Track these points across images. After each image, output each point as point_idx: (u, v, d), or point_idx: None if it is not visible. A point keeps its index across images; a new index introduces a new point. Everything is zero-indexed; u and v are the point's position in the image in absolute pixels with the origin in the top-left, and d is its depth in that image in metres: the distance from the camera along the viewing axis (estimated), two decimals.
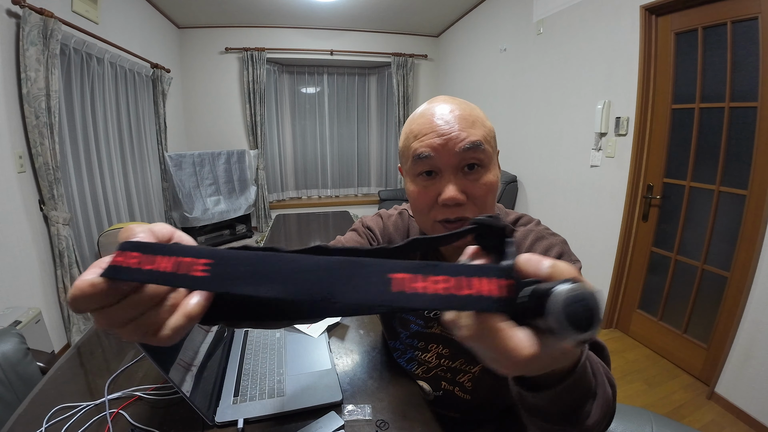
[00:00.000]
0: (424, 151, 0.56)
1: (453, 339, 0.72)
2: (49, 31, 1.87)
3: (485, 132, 0.58)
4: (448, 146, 0.55)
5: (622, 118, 2.07)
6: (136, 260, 0.20)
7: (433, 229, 0.60)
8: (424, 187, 0.58)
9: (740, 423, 1.53)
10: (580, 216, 2.46)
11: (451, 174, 0.56)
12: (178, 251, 0.20)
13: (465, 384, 0.73)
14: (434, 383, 0.77)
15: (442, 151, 0.55)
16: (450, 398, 0.76)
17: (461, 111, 0.57)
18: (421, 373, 0.78)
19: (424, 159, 0.56)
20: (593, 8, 2.23)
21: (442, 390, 0.76)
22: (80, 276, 0.20)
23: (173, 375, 0.62)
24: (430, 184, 0.57)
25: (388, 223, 0.77)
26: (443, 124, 0.55)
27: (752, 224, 1.55)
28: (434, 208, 0.58)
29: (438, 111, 0.57)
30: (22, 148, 1.86)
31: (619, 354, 2.05)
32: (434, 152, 0.55)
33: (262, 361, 0.84)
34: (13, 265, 1.77)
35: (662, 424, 0.72)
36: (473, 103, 0.63)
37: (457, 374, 0.74)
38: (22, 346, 0.91)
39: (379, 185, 5.21)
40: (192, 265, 0.20)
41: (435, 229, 0.60)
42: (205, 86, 4.20)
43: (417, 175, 0.58)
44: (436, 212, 0.58)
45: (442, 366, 0.75)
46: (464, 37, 3.94)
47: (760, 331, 1.49)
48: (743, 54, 1.57)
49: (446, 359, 0.74)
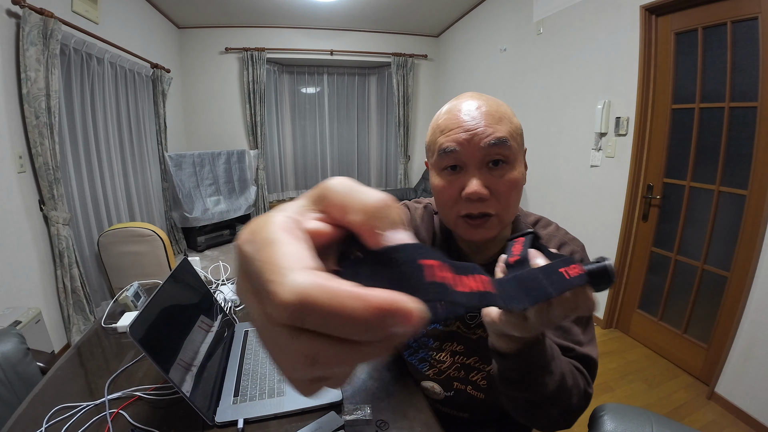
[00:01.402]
0: (450, 145, 0.56)
1: (469, 336, 0.72)
2: (49, 31, 1.87)
3: (512, 128, 0.58)
4: (474, 141, 0.55)
5: (622, 118, 2.07)
6: (450, 279, 0.16)
7: (456, 224, 0.61)
8: (449, 182, 0.59)
9: (740, 423, 1.53)
10: (580, 216, 2.46)
11: (476, 169, 0.56)
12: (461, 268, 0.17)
13: (479, 382, 0.72)
14: (446, 384, 0.76)
15: (467, 145, 0.56)
16: (462, 397, 0.75)
17: (488, 107, 0.57)
18: (433, 375, 0.76)
19: (449, 153, 0.57)
20: (593, 8, 2.23)
21: (454, 390, 0.75)
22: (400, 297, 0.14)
23: (173, 375, 0.62)
24: (454, 179, 0.58)
25: (415, 215, 0.77)
26: (469, 119, 0.56)
27: (752, 224, 1.55)
28: (458, 202, 0.58)
29: (465, 107, 0.58)
30: (22, 148, 1.86)
31: (619, 354, 2.05)
32: (459, 147, 0.56)
33: (262, 361, 0.83)
34: (13, 265, 1.77)
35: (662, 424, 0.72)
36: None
37: (470, 372, 0.74)
38: (22, 346, 0.91)
39: (379, 185, 5.20)
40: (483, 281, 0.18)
41: (458, 224, 0.60)
42: (205, 86, 4.20)
43: (442, 169, 0.59)
44: (459, 207, 0.59)
45: (456, 364, 0.74)
46: (464, 37, 3.94)
47: (760, 331, 1.49)
48: (743, 54, 1.57)
49: (461, 356, 0.73)
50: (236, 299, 1.13)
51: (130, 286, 1.10)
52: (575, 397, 0.53)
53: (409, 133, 4.70)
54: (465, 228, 0.59)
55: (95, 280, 2.42)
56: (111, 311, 1.08)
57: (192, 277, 0.91)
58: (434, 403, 0.79)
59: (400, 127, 4.62)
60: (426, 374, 0.78)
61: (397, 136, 4.70)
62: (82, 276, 2.12)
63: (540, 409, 0.51)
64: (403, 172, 4.78)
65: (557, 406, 0.51)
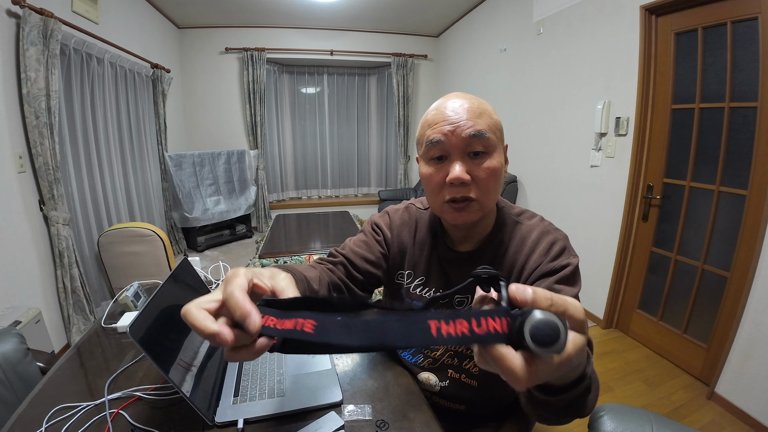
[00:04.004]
0: (436, 136, 0.64)
1: None
2: (49, 31, 1.87)
3: (491, 123, 0.65)
4: (456, 132, 0.62)
5: (622, 118, 2.07)
6: (273, 322, 0.31)
7: (442, 209, 0.68)
8: (435, 170, 0.66)
9: (740, 423, 1.53)
10: (580, 216, 2.46)
11: (458, 158, 0.63)
12: (296, 315, 0.31)
13: (472, 370, 0.76)
14: (441, 373, 0.79)
15: (451, 136, 0.63)
16: (457, 386, 0.78)
17: (470, 104, 0.65)
18: (428, 365, 0.81)
19: (435, 144, 0.64)
20: (593, 8, 2.23)
21: (449, 379, 0.79)
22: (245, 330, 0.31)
23: (173, 375, 0.62)
24: (441, 167, 0.65)
25: (394, 217, 0.84)
26: (453, 114, 0.64)
27: (752, 224, 1.55)
28: (444, 188, 0.65)
29: (450, 104, 0.65)
30: (22, 148, 1.86)
31: (619, 354, 2.05)
32: (444, 137, 0.63)
33: (262, 361, 0.83)
34: (13, 265, 1.77)
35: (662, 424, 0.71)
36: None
37: (463, 360, 0.77)
38: (22, 346, 0.91)
39: (379, 185, 5.20)
40: (304, 324, 0.30)
41: (444, 209, 0.67)
42: (205, 86, 4.20)
43: (430, 159, 0.67)
44: (444, 192, 0.65)
45: (449, 351, 0.78)
46: (464, 37, 3.94)
47: (760, 331, 1.49)
48: (743, 54, 1.57)
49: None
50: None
51: (130, 286, 1.10)
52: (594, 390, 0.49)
53: (409, 133, 4.70)
54: (450, 212, 0.66)
55: (95, 280, 2.42)
56: (111, 311, 1.08)
57: (192, 277, 0.91)
58: (431, 397, 0.82)
59: (400, 127, 4.62)
60: (421, 366, 0.82)
61: (397, 136, 4.70)
62: (82, 276, 2.12)
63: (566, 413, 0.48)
64: (403, 172, 4.78)
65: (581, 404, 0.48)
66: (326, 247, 2.80)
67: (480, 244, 0.73)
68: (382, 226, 0.83)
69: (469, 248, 0.74)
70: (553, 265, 0.64)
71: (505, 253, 0.70)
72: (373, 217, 0.87)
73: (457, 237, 0.75)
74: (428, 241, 0.79)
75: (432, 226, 0.80)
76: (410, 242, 0.80)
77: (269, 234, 3.18)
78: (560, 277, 0.63)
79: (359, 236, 0.84)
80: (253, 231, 4.54)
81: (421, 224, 0.81)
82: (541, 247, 0.67)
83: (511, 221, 0.73)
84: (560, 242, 0.68)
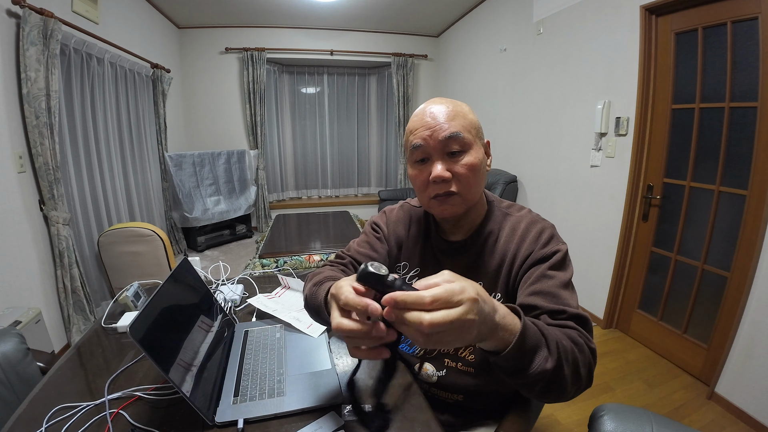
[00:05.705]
0: (417, 141, 0.70)
1: None
2: (49, 31, 1.87)
3: (465, 123, 0.70)
4: (434, 136, 0.69)
5: (622, 118, 2.07)
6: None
7: (429, 205, 0.75)
8: (420, 171, 0.73)
9: (740, 423, 1.53)
10: (580, 216, 2.46)
11: (439, 158, 0.70)
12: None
13: (467, 357, 0.79)
14: (437, 362, 0.82)
15: (429, 140, 0.69)
16: (454, 375, 0.80)
17: (446, 109, 0.71)
18: (424, 354, 0.84)
19: (417, 148, 0.71)
20: (593, 8, 2.23)
21: (446, 368, 0.81)
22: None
23: (173, 375, 0.62)
24: (424, 168, 0.72)
25: (391, 215, 0.91)
26: (431, 120, 0.70)
27: (752, 224, 1.55)
28: (428, 186, 0.72)
29: (428, 110, 0.71)
30: (22, 148, 1.86)
31: (619, 354, 2.05)
32: (424, 141, 0.70)
33: (262, 361, 0.83)
34: (13, 265, 1.77)
35: (662, 424, 0.71)
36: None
37: (458, 347, 0.79)
38: (22, 346, 0.91)
39: (379, 185, 5.21)
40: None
41: (430, 205, 0.74)
42: (205, 86, 4.20)
43: (414, 162, 0.73)
44: (429, 190, 0.72)
45: None
46: (464, 37, 3.94)
47: (760, 331, 1.49)
48: (743, 54, 1.57)
49: None
50: (236, 299, 1.13)
51: (130, 286, 1.10)
52: (579, 354, 0.55)
53: None
54: (436, 206, 0.73)
55: (95, 280, 2.42)
56: (111, 311, 1.08)
57: (192, 277, 0.91)
58: (430, 389, 0.84)
59: (400, 127, 4.62)
60: (417, 356, 0.84)
61: (397, 136, 4.70)
62: (82, 276, 2.13)
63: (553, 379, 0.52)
64: (403, 172, 4.78)
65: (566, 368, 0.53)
66: (326, 247, 2.80)
67: (471, 234, 0.78)
68: (380, 224, 0.90)
69: (460, 238, 0.80)
70: (543, 252, 0.69)
71: (496, 242, 0.76)
72: (372, 218, 0.93)
73: (449, 228, 0.81)
74: (422, 234, 0.85)
75: (425, 221, 0.86)
76: (405, 236, 0.87)
77: (269, 234, 3.18)
78: (552, 264, 0.68)
79: (361, 237, 0.90)
80: (253, 231, 4.54)
81: (415, 219, 0.87)
82: (530, 235, 0.72)
83: (500, 213, 0.79)
84: (548, 230, 0.73)
